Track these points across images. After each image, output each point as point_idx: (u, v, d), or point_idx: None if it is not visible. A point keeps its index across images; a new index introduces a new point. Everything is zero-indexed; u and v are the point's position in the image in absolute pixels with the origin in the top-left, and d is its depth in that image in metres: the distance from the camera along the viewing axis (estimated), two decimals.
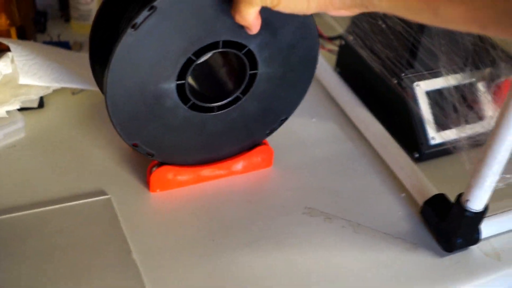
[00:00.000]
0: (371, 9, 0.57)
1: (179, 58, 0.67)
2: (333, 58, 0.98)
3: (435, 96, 0.84)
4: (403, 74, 0.84)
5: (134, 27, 0.62)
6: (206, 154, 0.78)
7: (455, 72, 0.83)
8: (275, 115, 0.78)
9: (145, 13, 0.61)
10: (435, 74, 0.84)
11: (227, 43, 0.68)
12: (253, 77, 0.72)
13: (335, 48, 0.98)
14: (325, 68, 0.97)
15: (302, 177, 0.81)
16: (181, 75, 0.68)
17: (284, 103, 0.77)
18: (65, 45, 0.99)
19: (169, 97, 0.69)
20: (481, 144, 0.70)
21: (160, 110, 0.70)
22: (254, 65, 0.71)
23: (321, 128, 0.90)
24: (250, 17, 0.61)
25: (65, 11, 1.05)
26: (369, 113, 0.89)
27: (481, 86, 0.84)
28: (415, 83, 0.84)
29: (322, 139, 0.88)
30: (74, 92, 0.89)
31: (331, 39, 1.01)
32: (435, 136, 0.84)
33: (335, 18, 0.98)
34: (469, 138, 0.76)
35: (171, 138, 0.73)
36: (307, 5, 0.58)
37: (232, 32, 0.67)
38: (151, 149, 0.73)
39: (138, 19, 0.62)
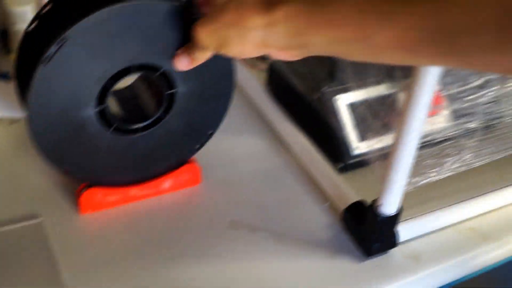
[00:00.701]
0: (311, 49, 0.57)
1: (95, 85, 0.69)
2: (264, 75, 1.01)
3: (356, 108, 0.87)
4: (324, 89, 0.87)
5: (46, 60, 0.65)
6: (135, 174, 0.80)
7: (376, 83, 0.86)
8: (200, 131, 0.81)
9: (55, 46, 0.64)
10: (356, 87, 0.87)
11: (141, 67, 0.71)
12: (171, 96, 0.75)
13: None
14: (254, 85, 1.00)
15: (229, 192, 0.84)
16: (100, 101, 0.71)
17: (208, 118, 0.80)
18: (4, 76, 1.01)
19: (92, 124, 0.72)
20: None
21: (84, 136, 0.72)
22: (171, 84, 0.74)
23: (250, 144, 0.93)
24: (200, 62, 0.64)
25: (5, 43, 1.08)
26: (295, 128, 0.92)
27: (402, 97, 0.87)
28: (336, 97, 0.87)
29: (251, 154, 0.91)
30: (12, 122, 0.92)
31: (262, 58, 1.05)
32: (358, 147, 0.87)
33: None
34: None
35: (99, 161, 0.76)
36: (243, 50, 0.61)
37: (144, 56, 0.70)
38: (79, 173, 0.76)
39: (49, 52, 0.64)
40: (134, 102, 0.81)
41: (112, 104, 0.80)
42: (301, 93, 0.90)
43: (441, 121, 0.83)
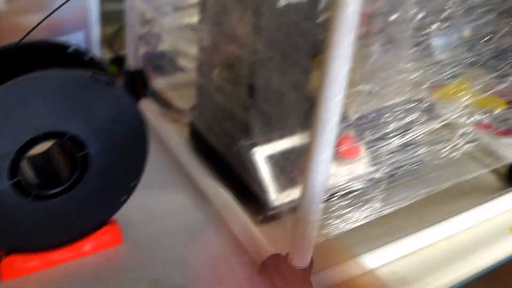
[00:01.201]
0: None
1: (3, 159, 0.70)
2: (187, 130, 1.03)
3: (273, 160, 0.89)
4: (240, 143, 0.89)
5: None
6: (57, 238, 0.81)
7: (291, 134, 0.89)
8: (123, 185, 0.82)
9: None
10: (273, 138, 0.89)
11: (47, 135, 0.72)
12: (84, 157, 0.76)
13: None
14: (176, 140, 1.02)
15: (150, 250, 0.85)
16: (13, 174, 0.72)
17: (127, 171, 0.81)
18: None
19: (8, 195, 0.72)
20: None
21: (2, 207, 0.73)
22: (81, 146, 0.75)
23: (172, 199, 0.94)
24: None
25: None
26: (217, 182, 0.94)
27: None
28: (253, 150, 0.89)
29: (173, 210, 0.92)
30: None
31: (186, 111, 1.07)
32: (277, 198, 0.89)
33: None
34: None
35: (19, 228, 0.76)
36: None
37: (49, 123, 0.71)
38: (1, 243, 0.76)
39: None
40: (50, 168, 0.82)
41: (29, 171, 0.81)
42: (219, 148, 0.92)
43: (353, 171, 0.85)
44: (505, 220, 0.95)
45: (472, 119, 0.91)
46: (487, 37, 0.83)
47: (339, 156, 0.84)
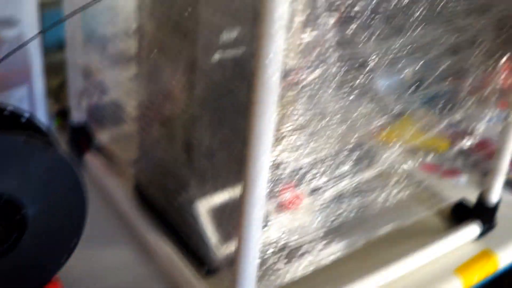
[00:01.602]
0: None
1: None
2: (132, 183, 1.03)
3: (215, 213, 0.89)
4: (181, 196, 0.89)
5: None
6: None
7: (231, 186, 0.89)
8: (63, 244, 0.81)
9: None
10: (213, 191, 0.89)
11: None
12: (22, 220, 0.75)
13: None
14: (121, 193, 1.01)
15: None
16: None
17: (68, 229, 0.80)
18: None
19: None
20: None
21: None
22: (18, 209, 0.74)
23: (117, 254, 0.93)
24: None
25: None
26: (161, 237, 0.93)
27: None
28: (194, 203, 0.89)
29: (117, 265, 0.91)
30: None
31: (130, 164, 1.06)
32: (220, 251, 0.89)
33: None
34: None
35: None
36: None
37: None
38: None
39: None
40: None
41: None
42: (162, 202, 0.92)
43: (291, 222, 0.86)
44: (449, 261, 0.96)
45: (414, 161, 0.92)
46: (425, 81, 0.85)
47: (281, 207, 0.84)
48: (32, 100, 1.15)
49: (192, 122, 0.80)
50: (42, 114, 1.17)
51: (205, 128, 0.79)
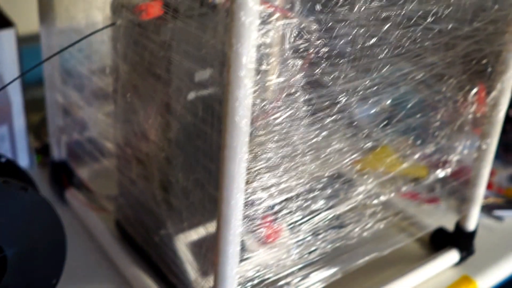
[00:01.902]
0: None
1: None
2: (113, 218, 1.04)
3: (193, 247, 0.90)
4: (160, 232, 0.90)
5: None
6: None
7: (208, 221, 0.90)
8: (43, 284, 0.81)
9: None
10: (190, 227, 0.90)
11: None
12: (1, 261, 0.76)
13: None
14: (102, 229, 1.02)
15: None
16: None
17: (47, 269, 0.81)
18: None
19: None
20: None
21: None
22: None
23: None
24: None
25: None
26: (142, 272, 0.94)
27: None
28: (174, 238, 0.90)
29: None
30: None
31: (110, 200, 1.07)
32: (199, 285, 0.89)
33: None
34: None
35: None
36: None
37: None
38: None
39: None
40: None
41: None
42: (142, 237, 0.93)
43: (268, 258, 0.87)
44: None
45: (391, 191, 0.94)
46: (396, 115, 0.86)
47: (259, 242, 0.85)
48: (13, 138, 1.16)
49: (168, 162, 0.81)
50: (23, 152, 1.18)
51: (180, 168, 0.80)
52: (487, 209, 1.15)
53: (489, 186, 1.17)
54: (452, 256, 1.02)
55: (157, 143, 0.80)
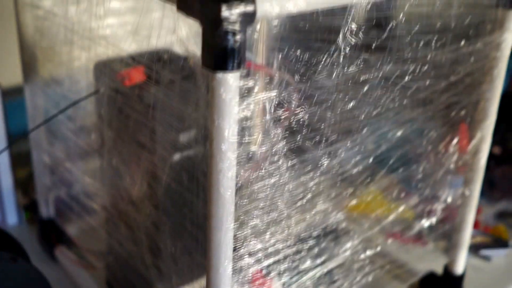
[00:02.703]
0: None
1: None
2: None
3: None
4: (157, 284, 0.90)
5: None
6: None
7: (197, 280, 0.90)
8: None
9: None
10: (181, 285, 0.91)
11: None
12: None
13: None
14: (91, 285, 1.02)
15: None
16: None
17: None
18: None
19: None
20: None
21: None
22: None
23: None
24: None
25: None
26: None
27: None
28: None
29: None
30: None
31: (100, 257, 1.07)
32: None
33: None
34: None
35: None
36: None
37: None
38: None
39: None
40: None
41: None
42: None
43: None
44: None
45: (377, 244, 0.95)
46: (378, 172, 0.87)
47: None
48: (1, 195, 1.16)
49: (155, 228, 0.82)
50: (11, 209, 1.18)
51: (167, 234, 0.80)
52: (474, 248, 1.15)
53: (476, 225, 1.18)
54: None
55: (144, 210, 0.81)
